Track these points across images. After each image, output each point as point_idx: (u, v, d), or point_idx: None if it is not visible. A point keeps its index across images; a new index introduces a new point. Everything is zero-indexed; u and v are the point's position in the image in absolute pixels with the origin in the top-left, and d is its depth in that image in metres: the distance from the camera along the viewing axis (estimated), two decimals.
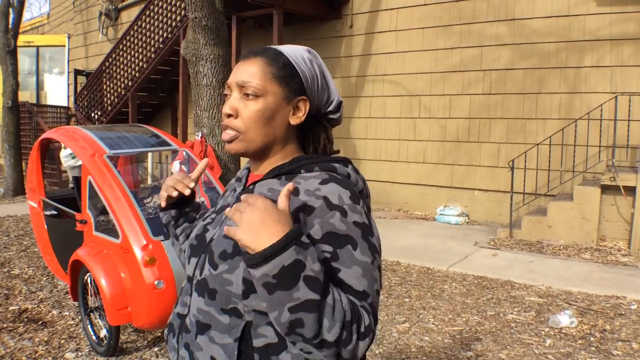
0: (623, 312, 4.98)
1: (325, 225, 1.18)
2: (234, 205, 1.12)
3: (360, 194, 1.30)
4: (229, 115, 1.31)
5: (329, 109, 1.41)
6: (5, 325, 4.66)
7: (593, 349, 4.25)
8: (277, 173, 1.32)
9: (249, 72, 1.30)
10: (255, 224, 1.06)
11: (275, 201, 1.18)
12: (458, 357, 4.15)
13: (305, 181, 1.25)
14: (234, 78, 1.32)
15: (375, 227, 1.26)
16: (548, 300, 5.33)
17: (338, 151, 1.46)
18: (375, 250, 1.22)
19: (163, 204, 1.64)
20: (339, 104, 1.42)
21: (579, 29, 8.15)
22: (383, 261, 6.69)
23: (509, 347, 4.29)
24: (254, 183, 1.35)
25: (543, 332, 4.57)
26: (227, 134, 1.32)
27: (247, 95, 1.29)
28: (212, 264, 1.26)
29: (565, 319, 4.69)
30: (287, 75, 1.31)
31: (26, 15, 17.33)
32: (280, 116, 1.32)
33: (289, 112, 1.33)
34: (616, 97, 7.44)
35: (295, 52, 1.35)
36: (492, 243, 7.50)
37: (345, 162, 1.36)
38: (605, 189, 7.31)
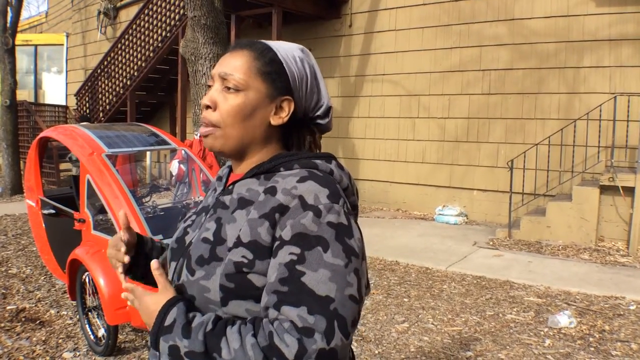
0: (622, 313, 4.97)
1: (296, 226, 1.13)
2: (126, 295, 1.27)
3: (346, 192, 1.26)
4: (207, 107, 1.27)
5: (317, 113, 1.34)
6: (2, 325, 4.64)
7: (592, 349, 4.24)
8: (256, 172, 1.27)
9: (233, 64, 1.26)
10: (143, 313, 1.22)
11: (253, 202, 1.20)
12: (457, 357, 4.14)
13: (283, 179, 1.20)
14: (218, 69, 1.28)
15: (355, 229, 1.19)
16: (547, 300, 5.32)
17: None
18: (352, 253, 1.14)
19: (123, 273, 1.42)
20: (329, 109, 1.35)
21: (578, 29, 8.15)
22: (381, 261, 6.68)
23: (508, 347, 4.29)
24: (234, 183, 1.30)
25: (542, 333, 4.56)
26: (204, 129, 1.28)
27: (228, 88, 1.25)
28: (189, 270, 1.22)
29: (564, 319, 4.69)
30: (272, 72, 1.26)
31: (24, 13, 17.31)
32: (261, 114, 1.26)
33: (270, 111, 1.27)
34: (615, 97, 7.44)
35: (286, 49, 1.30)
36: (491, 243, 7.49)
37: (329, 158, 1.29)
38: (604, 189, 7.31)
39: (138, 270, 1.50)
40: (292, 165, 1.24)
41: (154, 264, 1.22)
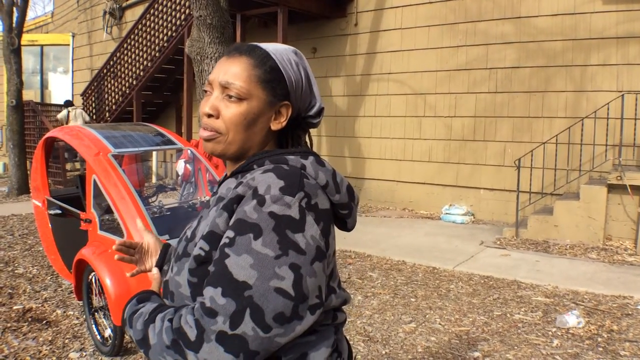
0: (630, 312, 4.94)
1: (239, 212, 1.14)
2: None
3: (326, 189, 1.23)
4: (209, 115, 1.27)
5: (310, 113, 1.37)
6: (9, 325, 4.65)
7: (600, 349, 4.21)
8: (235, 171, 1.30)
9: (233, 72, 1.26)
10: None
11: (224, 198, 1.23)
12: (465, 357, 4.12)
13: (251, 175, 1.21)
14: (217, 76, 1.28)
15: (310, 225, 1.15)
16: (555, 300, 5.29)
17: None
18: (291, 247, 1.11)
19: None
20: (321, 110, 1.38)
21: (585, 27, 8.10)
22: (388, 261, 6.66)
23: (515, 347, 4.26)
24: (221, 183, 1.35)
25: (550, 333, 4.54)
26: (206, 132, 1.29)
27: (230, 96, 1.25)
28: (171, 267, 1.29)
29: (572, 319, 4.66)
30: (273, 80, 1.27)
31: (30, 14, 17.31)
32: (262, 121, 1.28)
33: (270, 117, 1.29)
34: (623, 95, 7.40)
35: (282, 53, 1.31)
36: (498, 242, 7.46)
37: (305, 154, 1.28)
38: (611, 188, 7.27)
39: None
40: (263, 162, 1.26)
41: (154, 270, 1.44)
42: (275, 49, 1.31)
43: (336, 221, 1.33)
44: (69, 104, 13.67)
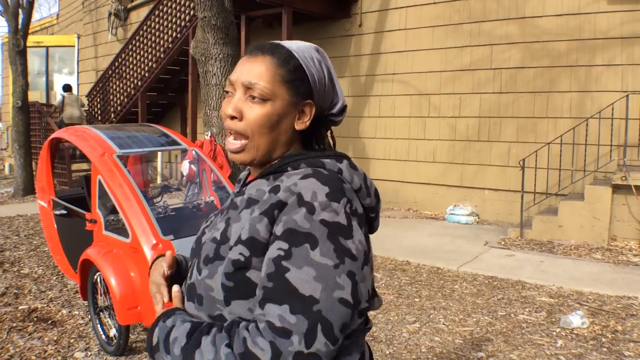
0: (635, 313, 4.93)
1: (288, 221, 1.11)
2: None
3: (358, 193, 1.23)
4: (232, 117, 1.24)
5: (333, 111, 1.34)
6: (14, 325, 4.67)
7: (605, 349, 4.21)
8: (266, 172, 1.27)
9: (256, 72, 1.23)
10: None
11: (258, 201, 1.20)
12: (469, 357, 4.12)
13: (288, 178, 1.19)
14: (239, 76, 1.25)
15: (357, 230, 1.14)
16: (559, 300, 5.29)
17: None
18: (346, 254, 1.09)
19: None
20: (344, 107, 1.35)
21: (590, 27, 8.09)
22: (392, 261, 6.66)
23: (520, 347, 4.26)
24: (248, 184, 1.31)
25: (554, 333, 4.54)
26: (234, 144, 1.26)
27: (253, 97, 1.22)
28: (198, 269, 1.23)
29: (576, 319, 4.66)
30: (296, 79, 1.24)
31: (36, 15, 17.46)
32: (287, 121, 1.25)
33: (294, 117, 1.26)
34: (627, 96, 7.38)
35: (304, 51, 1.28)
36: (503, 243, 7.46)
37: (340, 157, 1.26)
38: (616, 188, 7.25)
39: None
40: (299, 165, 1.23)
41: (175, 287, 1.33)
42: (298, 47, 1.28)
43: None
44: (66, 88, 13.56)
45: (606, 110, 7.58)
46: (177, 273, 1.44)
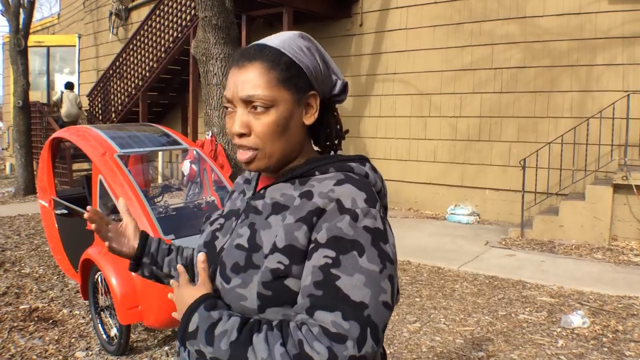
0: (635, 313, 4.93)
1: (332, 229, 1.11)
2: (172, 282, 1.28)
3: (379, 194, 1.24)
4: (242, 135, 1.20)
5: (334, 92, 1.31)
6: (15, 324, 4.67)
7: (605, 349, 4.21)
8: (290, 176, 1.24)
9: (251, 83, 1.18)
10: (178, 303, 1.23)
11: (288, 207, 1.19)
12: (469, 357, 4.13)
13: (320, 183, 1.18)
14: (235, 92, 1.20)
15: (390, 233, 1.17)
16: (560, 300, 5.29)
17: (347, 131, 1.39)
18: (386, 259, 1.12)
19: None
20: (345, 85, 1.32)
21: (591, 27, 8.09)
22: None
23: (520, 347, 4.26)
24: (266, 187, 1.28)
25: (555, 333, 4.53)
26: (244, 154, 1.22)
27: (256, 107, 1.18)
28: (224, 277, 1.21)
29: (577, 319, 4.65)
30: (292, 76, 1.20)
31: (37, 15, 17.43)
32: (295, 120, 1.22)
33: (301, 114, 1.23)
34: (628, 95, 7.38)
35: (291, 44, 1.23)
36: (504, 243, 7.46)
37: (362, 160, 1.27)
38: (617, 188, 7.25)
39: (145, 269, 1.57)
40: (327, 169, 1.22)
41: (201, 256, 1.24)
42: (283, 41, 1.23)
43: None
44: (67, 85, 13.65)
45: (607, 110, 7.58)
46: (147, 250, 1.54)
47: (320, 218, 1.13)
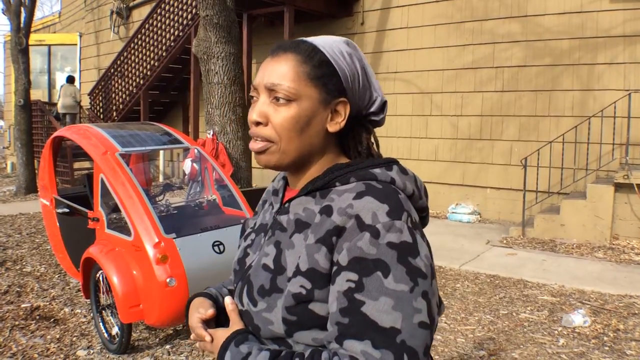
0: (636, 312, 4.93)
1: (352, 249, 1.03)
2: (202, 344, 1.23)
3: (411, 199, 1.15)
4: (258, 123, 1.15)
5: (372, 109, 1.23)
6: (17, 323, 4.68)
7: (607, 348, 4.21)
8: (311, 189, 1.17)
9: (279, 72, 1.13)
10: (216, 348, 1.18)
11: (310, 224, 1.13)
12: (471, 356, 4.13)
13: (339, 197, 1.10)
14: (262, 79, 1.15)
15: (422, 244, 1.07)
16: (561, 299, 5.29)
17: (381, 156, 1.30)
18: (418, 274, 1.02)
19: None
20: (384, 103, 1.23)
21: (592, 26, 8.08)
22: None
23: (522, 346, 4.26)
24: (290, 200, 1.21)
25: (556, 332, 4.53)
26: (256, 144, 1.16)
27: (278, 99, 1.12)
28: (251, 300, 1.16)
29: (578, 318, 4.65)
30: (324, 75, 1.13)
31: (38, 14, 17.43)
32: (317, 123, 1.15)
33: (326, 118, 1.16)
34: (630, 94, 7.37)
35: (332, 45, 1.17)
36: (505, 242, 7.46)
37: (389, 164, 1.18)
38: (618, 187, 7.25)
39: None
40: (348, 179, 1.13)
41: (228, 299, 1.22)
42: (324, 41, 1.18)
43: None
44: (68, 79, 13.74)
45: (608, 109, 7.57)
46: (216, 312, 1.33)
47: (341, 237, 1.06)
